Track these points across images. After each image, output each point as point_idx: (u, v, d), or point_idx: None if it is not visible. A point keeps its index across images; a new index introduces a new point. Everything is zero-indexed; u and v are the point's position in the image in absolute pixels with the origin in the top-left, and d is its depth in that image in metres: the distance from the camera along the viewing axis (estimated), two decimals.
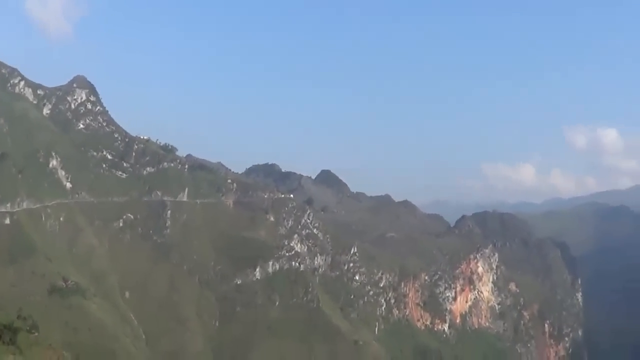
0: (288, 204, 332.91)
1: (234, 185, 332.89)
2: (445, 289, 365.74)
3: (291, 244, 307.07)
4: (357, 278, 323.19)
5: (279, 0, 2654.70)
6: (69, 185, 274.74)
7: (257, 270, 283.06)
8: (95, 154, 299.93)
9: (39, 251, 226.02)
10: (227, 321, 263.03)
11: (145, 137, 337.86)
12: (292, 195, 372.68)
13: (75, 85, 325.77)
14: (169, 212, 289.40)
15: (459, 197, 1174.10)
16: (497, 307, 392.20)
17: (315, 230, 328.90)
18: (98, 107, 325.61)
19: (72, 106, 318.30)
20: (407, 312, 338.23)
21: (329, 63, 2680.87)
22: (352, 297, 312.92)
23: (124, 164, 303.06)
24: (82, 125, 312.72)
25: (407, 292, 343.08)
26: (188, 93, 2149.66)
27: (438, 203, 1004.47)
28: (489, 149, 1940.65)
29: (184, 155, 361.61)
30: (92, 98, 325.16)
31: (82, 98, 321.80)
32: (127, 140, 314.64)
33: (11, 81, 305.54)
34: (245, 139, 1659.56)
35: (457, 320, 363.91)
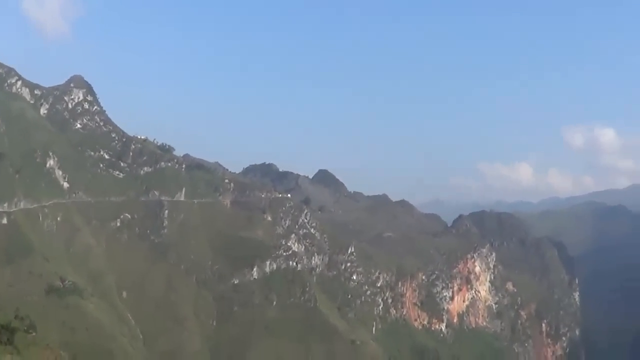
0: (285, 204, 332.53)
1: (232, 185, 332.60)
2: (443, 288, 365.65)
3: (288, 244, 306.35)
4: (354, 278, 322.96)
5: (279, 0, 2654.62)
6: (66, 185, 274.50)
7: (255, 269, 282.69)
8: (93, 153, 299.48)
9: (36, 251, 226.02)
10: (224, 321, 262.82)
11: (142, 137, 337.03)
12: (289, 195, 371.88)
13: (72, 85, 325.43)
14: (166, 211, 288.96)
15: (456, 196, 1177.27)
16: (494, 307, 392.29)
17: (312, 230, 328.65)
18: (95, 107, 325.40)
19: (69, 106, 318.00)
20: (405, 312, 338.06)
21: (329, 63, 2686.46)
22: (349, 296, 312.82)
23: (121, 163, 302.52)
24: (79, 125, 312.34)
25: (405, 291, 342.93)
26: (185, 93, 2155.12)
27: (435, 202, 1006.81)
28: (486, 148, 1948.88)
29: (181, 155, 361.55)
30: (89, 98, 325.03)
31: (79, 98, 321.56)
32: (124, 140, 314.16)
33: (8, 81, 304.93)
34: (243, 138, 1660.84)
35: (455, 320, 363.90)
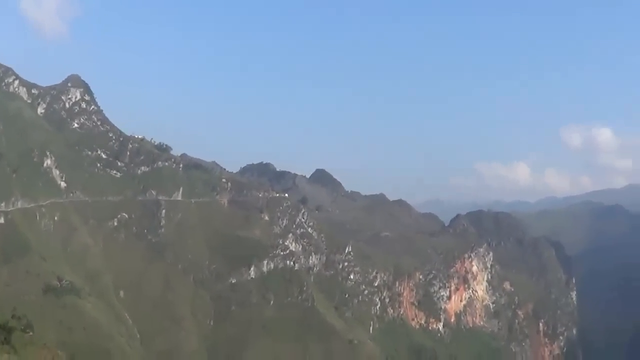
0: (282, 203, 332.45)
1: (229, 184, 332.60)
2: (440, 288, 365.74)
3: (286, 243, 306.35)
4: (351, 277, 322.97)
5: (279, 0, 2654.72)
6: (63, 184, 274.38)
7: (252, 269, 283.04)
8: (90, 153, 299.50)
9: (34, 250, 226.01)
10: (221, 320, 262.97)
11: (139, 137, 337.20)
12: (286, 195, 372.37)
13: (69, 84, 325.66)
14: (164, 211, 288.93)
15: (453, 196, 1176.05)
16: (491, 306, 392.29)
17: (309, 230, 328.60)
18: (92, 107, 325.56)
19: (67, 105, 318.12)
20: (402, 311, 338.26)
21: (329, 63, 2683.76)
22: (346, 296, 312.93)
23: (119, 163, 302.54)
24: (76, 125, 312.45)
25: (402, 291, 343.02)
26: (184, 92, 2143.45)
27: (432, 202, 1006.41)
28: (483, 148, 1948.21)
29: (179, 155, 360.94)
30: (87, 97, 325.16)
31: (76, 97, 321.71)
32: (121, 139, 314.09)
33: (5, 80, 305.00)
34: (240, 138, 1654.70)
35: (452, 319, 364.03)
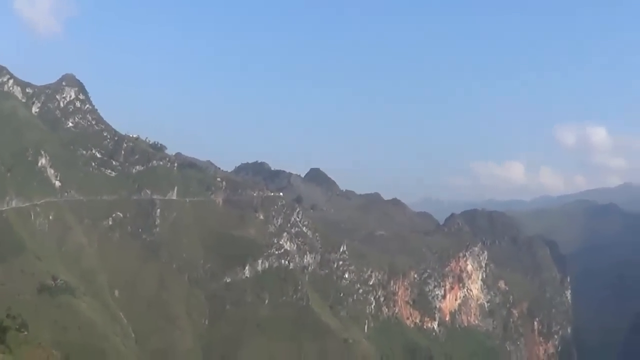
0: (277, 202, 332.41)
1: (223, 183, 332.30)
2: (435, 287, 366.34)
3: (280, 242, 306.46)
4: (346, 276, 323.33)
5: (279, 0, 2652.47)
6: (58, 183, 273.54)
7: (247, 268, 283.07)
8: (84, 152, 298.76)
9: (28, 250, 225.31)
10: (216, 319, 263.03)
11: (134, 136, 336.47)
12: (281, 194, 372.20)
13: (64, 83, 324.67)
14: (158, 210, 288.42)
15: (448, 195, 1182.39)
16: (486, 305, 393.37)
17: (304, 229, 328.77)
18: (87, 106, 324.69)
19: (61, 104, 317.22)
20: (397, 310, 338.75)
21: (328, 63, 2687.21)
22: (341, 295, 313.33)
23: (113, 162, 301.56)
24: (71, 124, 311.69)
25: (397, 290, 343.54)
26: (181, 92, 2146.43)
27: (427, 201, 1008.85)
28: (478, 147, 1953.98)
29: (173, 154, 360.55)
30: (81, 96, 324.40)
31: (71, 96, 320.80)
32: (116, 138, 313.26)
33: (0, 79, 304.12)
34: (236, 138, 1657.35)
35: (447, 318, 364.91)
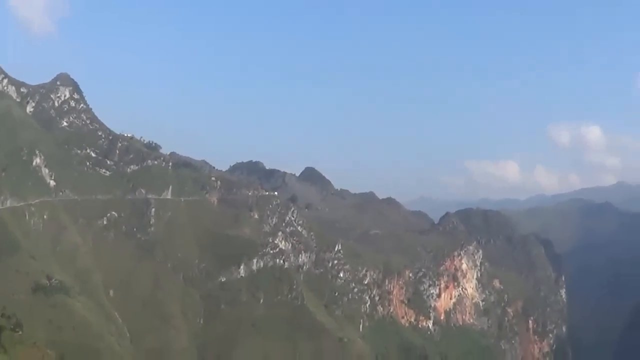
0: (272, 202, 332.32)
1: (218, 182, 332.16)
2: (430, 285, 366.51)
3: (275, 242, 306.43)
4: (341, 275, 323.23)
5: (279, 0, 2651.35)
6: (52, 183, 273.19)
7: (242, 267, 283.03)
8: (79, 151, 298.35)
9: (23, 249, 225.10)
10: (211, 319, 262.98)
11: (129, 135, 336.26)
12: (276, 193, 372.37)
13: (58, 82, 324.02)
14: (153, 209, 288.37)
15: (443, 194, 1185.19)
16: (481, 304, 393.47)
17: (299, 228, 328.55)
18: (82, 105, 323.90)
19: (56, 104, 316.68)
20: (392, 309, 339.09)
21: (328, 63, 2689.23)
22: (336, 294, 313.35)
23: (108, 161, 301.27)
24: (65, 123, 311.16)
25: (392, 289, 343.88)
26: (180, 92, 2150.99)
27: (422, 200, 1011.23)
28: (473, 146, 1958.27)
29: (168, 153, 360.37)
30: (76, 96, 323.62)
31: (65, 96, 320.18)
32: (110, 138, 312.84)
33: None
34: (232, 137, 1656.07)
35: (442, 317, 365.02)
